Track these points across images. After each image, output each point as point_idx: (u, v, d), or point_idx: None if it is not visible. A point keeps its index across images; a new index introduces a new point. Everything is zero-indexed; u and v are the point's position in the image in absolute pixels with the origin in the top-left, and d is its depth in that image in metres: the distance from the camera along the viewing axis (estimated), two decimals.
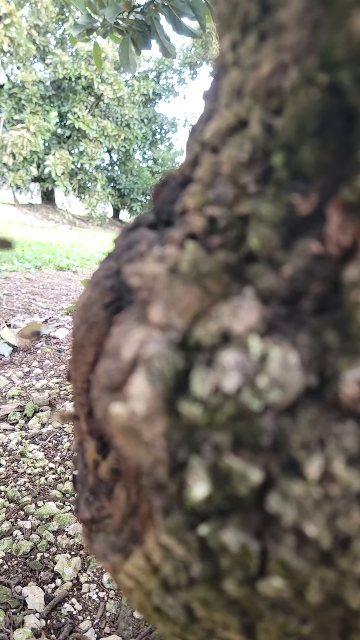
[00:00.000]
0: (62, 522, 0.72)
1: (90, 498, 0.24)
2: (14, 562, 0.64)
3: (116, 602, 0.59)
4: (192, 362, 0.14)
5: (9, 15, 7.44)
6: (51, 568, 0.63)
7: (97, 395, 0.17)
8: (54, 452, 0.95)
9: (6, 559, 0.64)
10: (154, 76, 13.04)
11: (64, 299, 2.87)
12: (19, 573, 0.62)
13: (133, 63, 1.68)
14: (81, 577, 0.62)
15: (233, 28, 0.16)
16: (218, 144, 0.17)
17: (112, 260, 0.23)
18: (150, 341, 0.15)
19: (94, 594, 0.60)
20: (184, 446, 0.15)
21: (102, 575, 0.63)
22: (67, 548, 0.67)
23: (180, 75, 13.01)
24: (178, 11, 1.50)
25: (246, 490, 0.14)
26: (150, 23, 1.57)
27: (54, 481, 0.83)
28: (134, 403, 0.15)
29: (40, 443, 0.98)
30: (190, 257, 0.16)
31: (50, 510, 0.74)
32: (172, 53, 1.63)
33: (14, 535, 0.69)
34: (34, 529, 0.70)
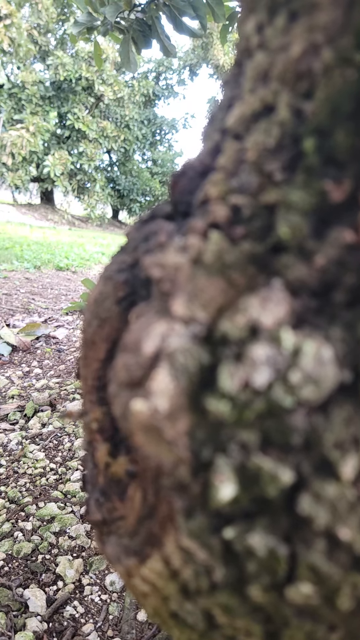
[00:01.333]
0: (64, 524, 0.71)
1: (100, 499, 0.23)
2: (15, 564, 0.63)
3: (119, 604, 0.58)
4: (219, 357, 0.14)
5: (9, 15, 7.43)
6: (53, 570, 0.62)
7: (115, 392, 0.16)
8: (55, 452, 0.94)
9: (7, 560, 0.63)
10: (154, 77, 13.06)
11: (63, 299, 2.86)
12: (20, 575, 0.61)
13: (134, 62, 1.67)
14: (83, 579, 0.61)
15: (259, 10, 0.16)
16: (242, 131, 0.17)
17: (126, 253, 0.22)
18: (173, 335, 0.15)
19: (96, 597, 0.59)
20: (208, 445, 0.14)
21: (104, 577, 0.62)
22: (69, 550, 0.66)
23: (179, 75, 13.02)
24: (179, 10, 1.50)
25: (276, 492, 0.13)
26: (150, 22, 1.57)
27: (55, 482, 0.82)
28: (156, 399, 0.14)
29: (40, 443, 0.97)
30: (215, 247, 0.15)
31: (51, 511, 0.73)
32: (172, 52, 1.63)
33: (15, 536, 0.68)
34: (35, 530, 0.70)
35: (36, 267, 3.70)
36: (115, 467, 0.21)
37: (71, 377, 1.45)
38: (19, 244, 4.48)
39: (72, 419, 0.31)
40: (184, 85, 13.24)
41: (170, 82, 13.26)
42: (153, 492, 0.17)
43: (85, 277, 3.77)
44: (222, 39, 1.66)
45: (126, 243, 0.23)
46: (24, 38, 8.20)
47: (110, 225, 12.67)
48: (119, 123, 11.18)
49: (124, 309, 0.21)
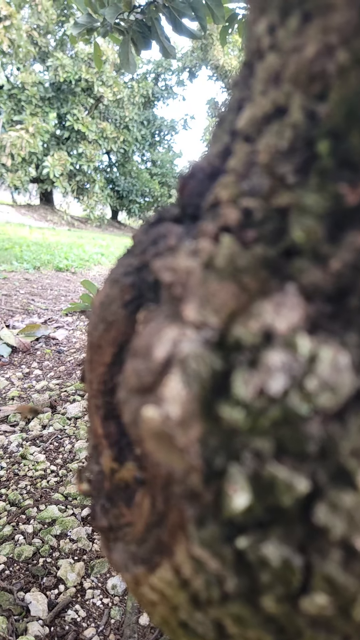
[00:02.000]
0: (65, 526, 0.70)
1: (106, 505, 0.23)
2: (16, 568, 0.62)
3: (121, 608, 0.58)
4: (232, 363, 0.13)
5: (9, 17, 7.44)
6: (54, 573, 0.62)
7: (125, 398, 0.16)
8: (55, 454, 0.93)
9: (8, 564, 0.63)
10: (152, 78, 13.08)
11: (62, 300, 2.86)
12: (22, 579, 0.61)
13: (133, 63, 1.68)
14: (85, 582, 0.61)
15: (271, 11, 0.16)
16: (253, 133, 0.16)
17: (133, 256, 0.22)
18: (184, 340, 0.14)
19: (98, 600, 0.59)
20: (221, 453, 0.14)
21: (106, 580, 0.62)
22: (70, 553, 0.66)
23: (178, 76, 13.04)
24: (178, 12, 1.50)
25: (291, 501, 0.13)
26: (150, 23, 1.57)
27: (55, 484, 0.82)
28: (168, 406, 0.14)
29: (41, 445, 0.96)
30: (227, 251, 0.15)
31: (52, 514, 0.73)
32: (172, 54, 1.63)
33: (16, 539, 0.67)
34: (36, 533, 0.69)
35: (35, 268, 3.70)
36: (122, 473, 0.21)
37: (71, 379, 1.44)
38: (18, 245, 4.48)
39: (26, 416, 0.30)
40: (183, 86, 13.26)
41: (169, 83, 13.28)
42: (162, 499, 0.17)
43: (84, 278, 3.76)
44: (221, 41, 1.66)
45: (133, 246, 0.23)
46: (24, 39, 8.20)
47: (109, 226, 12.67)
48: (119, 124, 11.19)
49: (130, 312, 0.21)
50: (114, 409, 0.23)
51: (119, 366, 0.22)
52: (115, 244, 7.09)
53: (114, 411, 0.23)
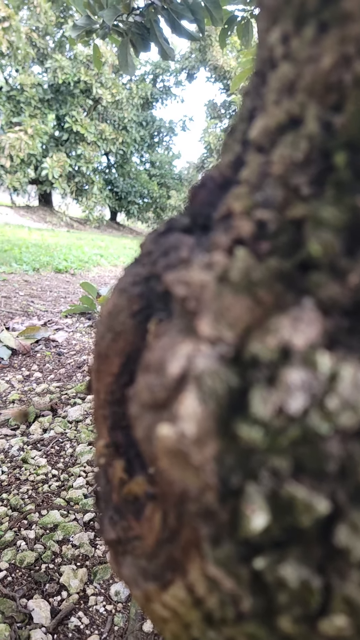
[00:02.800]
0: (67, 532, 0.70)
1: (115, 517, 0.22)
2: (19, 574, 0.62)
3: (124, 615, 0.58)
4: (249, 380, 0.13)
5: (7, 18, 7.44)
6: (57, 580, 0.61)
7: (137, 413, 0.16)
8: (57, 458, 0.93)
9: (10, 570, 0.63)
10: (151, 79, 13.09)
11: (62, 302, 2.86)
12: (24, 585, 0.60)
13: (131, 65, 1.68)
14: (88, 589, 0.60)
15: (284, 20, 0.15)
16: (266, 144, 0.16)
17: (141, 266, 0.21)
18: (199, 356, 0.14)
19: (101, 607, 0.58)
20: (237, 471, 0.13)
21: (109, 587, 0.61)
22: (73, 559, 0.65)
23: (176, 77, 13.06)
24: (177, 14, 1.50)
25: (310, 522, 0.13)
26: (149, 25, 1.57)
27: (57, 489, 0.82)
28: (183, 424, 0.13)
29: (42, 449, 0.96)
30: (241, 264, 0.15)
31: (54, 519, 0.72)
32: (171, 56, 1.63)
33: (18, 545, 0.67)
34: (37, 539, 0.69)
35: (35, 270, 3.70)
36: (132, 486, 0.20)
37: (71, 381, 1.44)
38: (17, 246, 4.47)
39: (20, 420, 0.29)
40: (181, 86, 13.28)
41: (167, 84, 13.30)
42: (175, 515, 0.17)
43: (84, 279, 3.76)
44: (221, 43, 1.66)
45: (140, 255, 0.22)
46: (23, 41, 8.21)
47: (108, 227, 12.67)
48: (117, 125, 11.20)
49: (139, 322, 0.20)
50: (121, 419, 0.23)
51: (126, 376, 0.22)
52: (114, 245, 7.09)
53: (121, 421, 0.23)
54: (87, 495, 0.79)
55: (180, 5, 1.53)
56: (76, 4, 1.55)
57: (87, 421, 1.10)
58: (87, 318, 2.37)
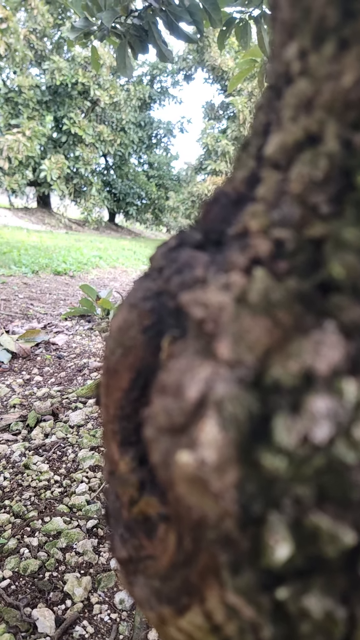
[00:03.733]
0: (70, 539, 0.69)
1: (125, 535, 0.22)
2: (22, 582, 0.62)
3: (129, 623, 0.57)
4: (271, 406, 0.13)
5: (5, 19, 7.44)
6: (61, 588, 0.61)
7: (154, 436, 0.16)
8: (59, 463, 0.92)
9: (14, 578, 0.62)
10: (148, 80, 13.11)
11: (61, 304, 2.85)
12: (28, 594, 0.60)
13: (130, 67, 1.68)
14: (92, 597, 0.60)
15: (302, 35, 0.15)
16: (282, 160, 0.16)
17: (151, 280, 0.21)
18: (218, 379, 0.14)
19: (105, 616, 0.58)
20: (259, 499, 0.13)
21: (113, 595, 0.61)
22: (76, 566, 0.65)
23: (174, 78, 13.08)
24: (176, 16, 1.50)
25: (335, 553, 0.12)
26: (147, 27, 1.57)
27: (59, 495, 0.81)
28: (203, 451, 0.13)
29: (44, 454, 0.96)
30: (260, 285, 0.14)
31: (57, 526, 0.72)
32: (169, 58, 1.63)
33: (21, 553, 0.67)
34: (41, 546, 0.68)
35: (34, 272, 3.69)
36: (143, 506, 0.20)
37: (72, 385, 1.43)
38: (16, 249, 4.47)
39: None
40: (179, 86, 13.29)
41: (165, 84, 13.31)
42: (191, 539, 0.16)
43: (83, 281, 3.75)
44: (219, 45, 1.66)
45: (151, 269, 0.22)
46: (20, 43, 8.21)
47: (106, 229, 12.66)
48: (115, 127, 11.20)
49: (150, 338, 0.20)
50: (131, 435, 0.22)
51: (136, 391, 0.21)
52: (113, 247, 7.09)
53: (131, 437, 0.22)
54: (90, 502, 0.78)
55: (179, 7, 1.53)
56: (74, 6, 1.55)
57: (89, 426, 1.09)
58: (86, 320, 2.37)
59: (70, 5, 1.55)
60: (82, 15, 1.49)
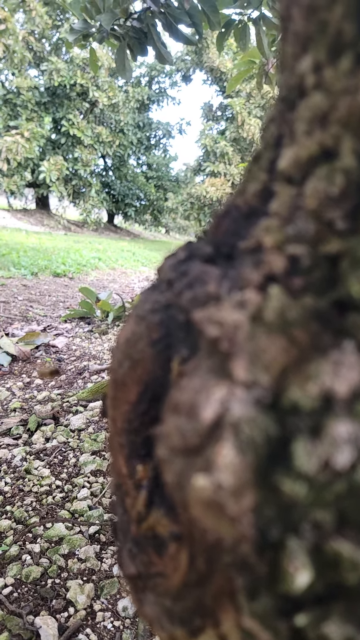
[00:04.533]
0: (73, 545, 0.69)
1: (134, 550, 0.22)
2: (24, 589, 0.61)
3: (132, 631, 0.57)
4: (289, 429, 0.13)
5: (3, 21, 7.44)
6: (63, 595, 0.60)
7: (167, 457, 0.15)
8: (60, 468, 0.92)
9: (16, 585, 0.62)
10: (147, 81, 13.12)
11: (61, 306, 2.85)
12: (30, 601, 0.59)
13: (129, 69, 1.68)
14: (95, 604, 0.60)
15: (316, 48, 0.15)
16: (296, 175, 0.16)
17: (159, 292, 0.21)
18: (234, 400, 0.14)
19: (109, 623, 0.57)
20: (277, 524, 0.13)
21: (116, 602, 0.61)
22: (79, 573, 0.64)
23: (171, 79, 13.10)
24: (175, 18, 1.50)
25: (356, 580, 0.12)
26: (146, 30, 1.57)
27: (61, 500, 0.81)
28: (220, 475, 0.13)
29: (45, 459, 0.95)
30: (276, 303, 0.14)
31: (59, 532, 0.71)
32: (168, 60, 1.63)
33: (23, 559, 0.66)
34: (43, 553, 0.68)
35: (33, 274, 3.68)
36: (152, 523, 0.20)
37: (72, 388, 1.43)
38: (15, 250, 4.46)
39: (44, 377, 0.28)
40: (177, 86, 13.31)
41: (163, 85, 13.32)
42: (205, 560, 0.16)
43: (82, 283, 3.75)
44: (218, 47, 1.66)
45: (159, 281, 0.22)
46: (19, 44, 8.21)
47: (105, 230, 12.66)
48: (114, 128, 11.21)
49: (158, 351, 0.20)
50: (139, 448, 0.22)
51: (144, 405, 0.21)
52: (112, 248, 7.08)
53: (139, 450, 0.22)
54: (92, 507, 0.78)
55: (178, 9, 1.53)
56: (73, 9, 1.55)
57: (90, 430, 1.09)
58: (86, 323, 2.37)
59: (69, 7, 1.55)
60: (80, 17, 1.49)
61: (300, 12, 0.15)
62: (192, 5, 1.45)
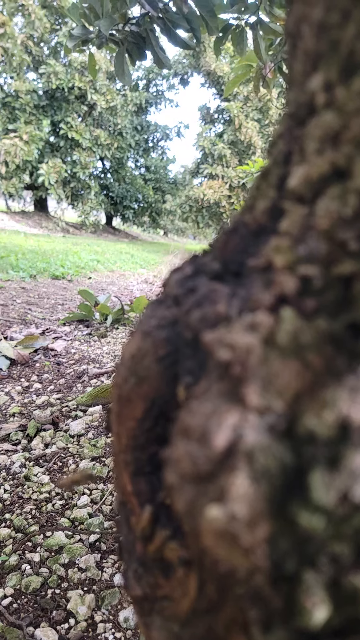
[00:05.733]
0: (73, 554, 0.68)
1: (139, 570, 0.21)
2: (24, 600, 0.60)
3: None
4: (305, 458, 0.12)
5: (2, 25, 7.46)
6: (64, 606, 0.60)
7: (177, 483, 0.15)
8: (60, 475, 0.91)
9: (15, 596, 0.61)
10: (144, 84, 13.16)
11: (59, 309, 2.84)
12: (30, 612, 0.59)
13: (128, 74, 1.68)
14: (96, 615, 0.59)
15: (327, 66, 0.15)
16: (307, 194, 0.15)
17: (165, 308, 0.20)
18: (247, 427, 0.13)
19: (110, 635, 0.57)
20: (292, 556, 0.12)
21: (117, 613, 0.60)
22: (79, 583, 0.64)
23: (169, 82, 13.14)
24: (173, 23, 1.51)
25: None
26: (145, 35, 1.57)
27: (61, 507, 0.80)
28: (234, 505, 0.12)
29: (44, 465, 0.94)
30: (290, 327, 0.14)
31: (59, 541, 0.71)
32: (167, 64, 1.64)
33: (23, 569, 0.65)
34: (43, 562, 0.67)
35: (32, 277, 3.68)
36: (159, 545, 0.19)
37: (72, 392, 1.42)
38: (14, 253, 4.45)
39: (77, 484, 0.28)
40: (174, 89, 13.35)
41: (160, 88, 13.36)
42: (216, 588, 0.16)
43: (81, 285, 3.74)
44: (215, 51, 1.67)
45: (164, 296, 0.21)
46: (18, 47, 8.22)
47: (104, 232, 12.66)
48: (112, 131, 11.23)
49: (165, 368, 0.19)
50: (144, 466, 0.22)
51: (150, 421, 0.21)
52: (111, 250, 7.08)
53: (144, 468, 0.22)
54: (92, 515, 0.77)
55: (176, 14, 1.54)
56: (72, 15, 1.55)
57: (89, 435, 1.08)
58: (85, 325, 2.36)
59: (68, 13, 1.55)
60: (79, 23, 1.50)
61: (311, 29, 0.15)
62: (191, 10, 1.46)
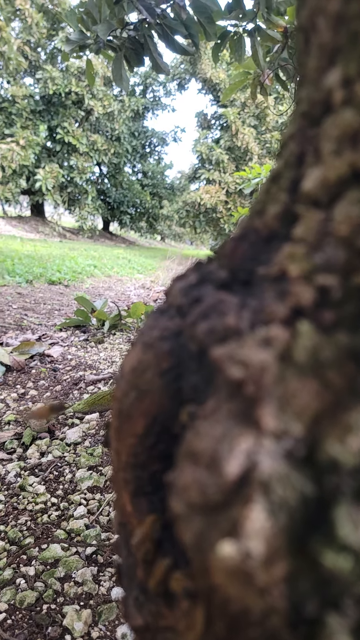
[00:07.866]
0: (69, 567, 0.66)
1: (141, 597, 0.20)
2: (19, 616, 0.58)
3: None
4: (329, 490, 0.11)
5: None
6: (59, 622, 0.58)
7: (184, 513, 0.14)
8: (56, 484, 0.89)
9: (10, 612, 0.59)
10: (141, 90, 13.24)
11: (56, 314, 2.82)
12: (25, 629, 0.57)
13: (126, 79, 1.68)
14: (93, 631, 0.57)
15: (346, 62, 0.14)
16: (324, 198, 0.14)
17: (168, 318, 0.19)
18: (262, 453, 0.12)
19: None
20: (313, 597, 0.11)
21: (115, 629, 0.58)
22: (76, 597, 0.62)
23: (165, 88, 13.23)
24: (171, 29, 1.51)
25: None
26: (143, 40, 1.58)
27: (57, 519, 0.78)
28: (249, 542, 0.11)
29: (40, 475, 0.92)
30: (307, 342, 0.13)
31: (55, 554, 0.69)
32: (165, 70, 1.64)
33: (17, 583, 0.63)
34: (38, 576, 0.65)
35: (28, 282, 3.66)
36: (163, 575, 0.18)
37: (68, 399, 1.40)
38: (10, 258, 4.43)
39: (39, 418, 0.26)
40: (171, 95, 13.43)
41: (157, 94, 13.45)
42: (226, 627, 0.14)
43: (77, 291, 3.73)
44: (213, 58, 1.67)
45: (167, 305, 0.20)
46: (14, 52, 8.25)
47: (101, 237, 12.66)
48: (109, 136, 11.27)
49: (168, 381, 0.18)
50: (145, 485, 0.20)
51: (152, 438, 0.20)
52: (108, 255, 7.07)
53: (145, 487, 0.20)
54: (89, 526, 0.75)
55: (174, 20, 1.54)
56: (69, 20, 1.55)
57: (86, 443, 1.06)
58: (82, 331, 2.34)
59: (65, 19, 1.55)
60: (77, 28, 1.49)
61: (327, 22, 0.14)
62: (189, 16, 1.46)
